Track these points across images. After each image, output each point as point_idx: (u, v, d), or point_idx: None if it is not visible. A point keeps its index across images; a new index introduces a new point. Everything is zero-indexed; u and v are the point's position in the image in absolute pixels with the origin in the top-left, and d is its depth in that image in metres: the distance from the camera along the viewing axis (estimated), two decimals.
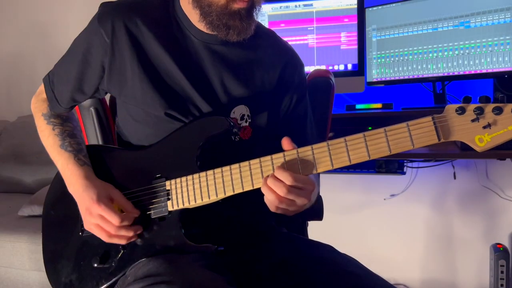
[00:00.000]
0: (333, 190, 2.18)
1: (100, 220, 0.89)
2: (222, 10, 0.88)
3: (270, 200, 0.81)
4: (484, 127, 0.72)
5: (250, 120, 0.99)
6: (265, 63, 1.01)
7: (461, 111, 0.73)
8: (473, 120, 0.72)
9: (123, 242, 0.91)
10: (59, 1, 2.83)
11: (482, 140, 0.72)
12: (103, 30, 0.93)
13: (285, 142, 0.83)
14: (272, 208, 0.83)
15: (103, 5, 0.96)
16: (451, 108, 0.74)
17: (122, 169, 0.98)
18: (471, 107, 0.73)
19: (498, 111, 0.70)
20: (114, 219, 0.87)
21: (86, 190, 0.91)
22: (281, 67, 1.03)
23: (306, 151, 0.81)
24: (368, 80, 1.94)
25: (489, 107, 0.71)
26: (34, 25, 2.92)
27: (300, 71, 1.06)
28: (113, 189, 0.93)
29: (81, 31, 0.99)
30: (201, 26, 0.94)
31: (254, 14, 0.92)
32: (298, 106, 1.06)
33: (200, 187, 0.88)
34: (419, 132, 0.75)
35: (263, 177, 0.83)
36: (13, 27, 2.99)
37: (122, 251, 0.92)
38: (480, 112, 0.72)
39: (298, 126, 1.07)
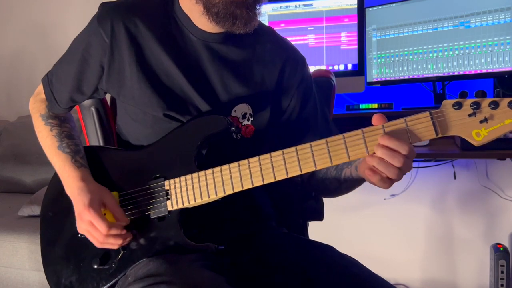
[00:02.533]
0: None
1: (90, 227, 0.89)
2: None
3: (384, 171, 0.76)
4: (481, 122, 0.72)
5: (252, 119, 0.99)
6: (265, 60, 1.00)
7: (458, 106, 0.73)
8: (470, 115, 0.73)
9: (114, 247, 0.91)
10: (58, 2, 2.83)
11: (479, 135, 0.72)
12: (102, 30, 0.93)
13: (375, 117, 0.79)
14: (375, 179, 0.77)
15: (102, 5, 0.96)
16: (448, 103, 0.74)
17: (121, 170, 0.98)
18: (468, 102, 0.73)
19: (494, 105, 0.71)
20: (102, 228, 0.87)
21: (80, 194, 0.91)
22: (281, 63, 1.02)
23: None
24: (368, 80, 1.94)
25: (486, 102, 0.72)
26: (34, 25, 2.92)
27: (302, 67, 1.05)
28: (107, 195, 0.93)
29: (80, 31, 0.99)
30: (202, 22, 0.93)
31: (257, 7, 0.90)
32: (306, 105, 1.05)
33: (200, 186, 0.88)
34: (417, 128, 0.75)
35: (262, 175, 0.82)
36: (12, 27, 3.00)
37: (122, 252, 0.92)
38: (476, 106, 0.72)
39: (311, 124, 1.05)
